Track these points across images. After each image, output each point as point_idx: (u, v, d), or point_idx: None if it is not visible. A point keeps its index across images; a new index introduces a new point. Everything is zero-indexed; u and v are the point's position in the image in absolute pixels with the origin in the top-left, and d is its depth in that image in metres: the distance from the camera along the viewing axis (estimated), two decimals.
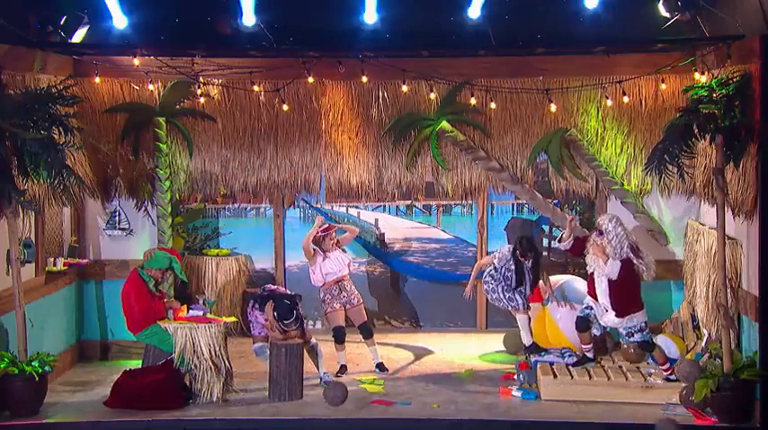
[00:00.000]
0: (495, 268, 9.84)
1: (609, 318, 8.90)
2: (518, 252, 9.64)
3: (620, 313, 8.81)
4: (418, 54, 9.88)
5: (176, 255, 9.23)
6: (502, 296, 9.89)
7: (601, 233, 8.83)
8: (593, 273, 9.03)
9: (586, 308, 9.08)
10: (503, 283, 9.80)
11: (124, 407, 8.40)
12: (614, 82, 10.21)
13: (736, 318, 8.62)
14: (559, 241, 9.41)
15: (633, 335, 8.87)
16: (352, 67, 9.82)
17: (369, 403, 8.64)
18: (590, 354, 9.17)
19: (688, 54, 9.65)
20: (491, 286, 9.93)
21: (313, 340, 9.28)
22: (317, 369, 9.24)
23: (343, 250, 9.87)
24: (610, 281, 8.77)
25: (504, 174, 10.78)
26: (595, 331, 9.24)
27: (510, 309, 9.94)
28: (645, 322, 8.87)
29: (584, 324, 9.09)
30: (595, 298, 8.99)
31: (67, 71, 9.46)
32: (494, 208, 11.49)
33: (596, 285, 8.92)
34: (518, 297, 9.78)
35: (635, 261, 8.76)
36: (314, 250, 9.65)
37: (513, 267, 9.72)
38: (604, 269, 8.75)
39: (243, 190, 11.13)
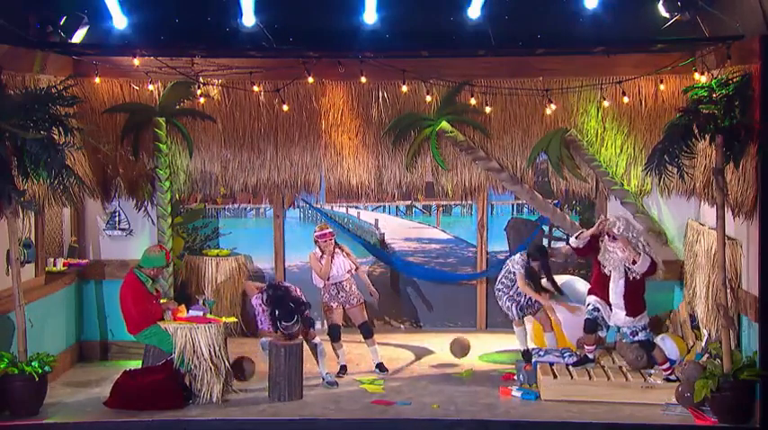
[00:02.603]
0: (508, 273, 9.82)
1: (619, 318, 8.91)
2: (529, 258, 9.67)
3: (632, 313, 8.83)
4: (418, 54, 9.88)
5: (167, 252, 9.19)
6: (504, 303, 9.86)
7: (614, 239, 8.83)
8: (596, 274, 9.04)
9: (594, 310, 9.08)
10: (509, 292, 9.77)
11: (124, 408, 8.40)
12: (614, 82, 10.22)
13: (735, 318, 8.62)
14: (576, 237, 9.21)
15: (637, 334, 8.89)
16: (351, 67, 9.82)
17: (369, 403, 8.64)
18: (591, 355, 9.17)
19: (688, 54, 9.65)
20: (499, 292, 9.91)
21: (316, 339, 9.28)
22: (319, 368, 9.24)
23: (347, 254, 9.87)
24: (627, 281, 8.77)
25: (504, 175, 10.78)
26: (601, 333, 9.24)
27: (508, 313, 9.95)
28: (648, 321, 8.92)
29: (592, 326, 9.09)
30: (601, 298, 8.99)
31: (67, 71, 9.46)
32: (493, 208, 11.50)
33: (611, 286, 8.90)
34: (514, 308, 9.74)
35: (653, 258, 8.82)
36: (317, 256, 9.70)
37: (528, 266, 9.72)
38: (632, 267, 8.73)
39: (243, 190, 11.13)
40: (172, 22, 8.79)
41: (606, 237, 8.91)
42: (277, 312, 8.87)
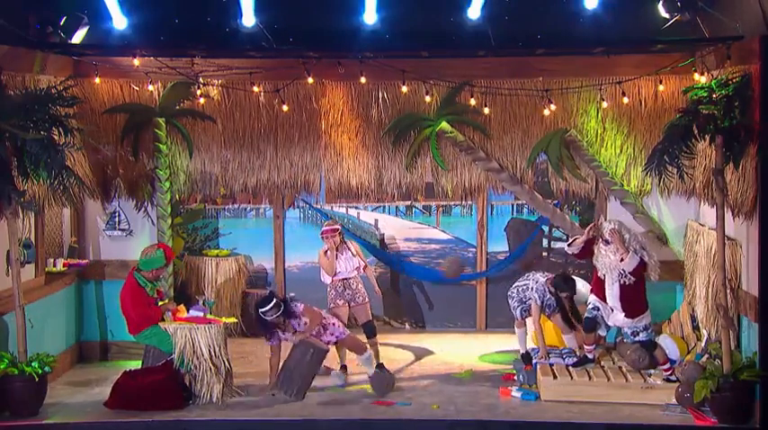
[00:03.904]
0: (527, 288, 9.65)
1: (618, 319, 8.93)
2: (553, 289, 9.44)
3: (631, 314, 8.85)
4: (418, 55, 9.87)
5: (166, 249, 9.17)
6: (510, 304, 9.73)
7: (607, 242, 8.85)
8: (596, 274, 9.05)
9: (593, 308, 9.09)
10: (516, 298, 9.70)
11: (124, 408, 8.40)
12: (614, 82, 10.22)
13: (735, 318, 8.62)
14: (569, 245, 9.30)
15: (638, 335, 8.91)
16: (351, 67, 9.82)
17: (369, 403, 8.64)
18: (591, 355, 9.17)
19: (688, 55, 9.66)
20: (511, 299, 9.68)
21: (366, 353, 9.27)
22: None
23: (353, 254, 9.87)
24: (621, 285, 8.79)
25: (504, 175, 10.78)
26: (601, 332, 9.25)
27: (516, 315, 9.85)
28: (650, 322, 8.93)
29: (591, 325, 9.10)
30: (601, 298, 9.00)
31: (67, 72, 9.46)
32: (493, 208, 11.50)
33: (607, 289, 8.92)
34: (518, 311, 9.68)
35: (646, 259, 8.82)
36: (324, 250, 9.70)
37: (553, 302, 9.55)
38: (619, 265, 8.74)
39: (242, 190, 11.13)
40: (172, 23, 8.79)
41: (600, 240, 8.94)
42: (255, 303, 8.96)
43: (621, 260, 8.76)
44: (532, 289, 9.47)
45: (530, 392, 8.78)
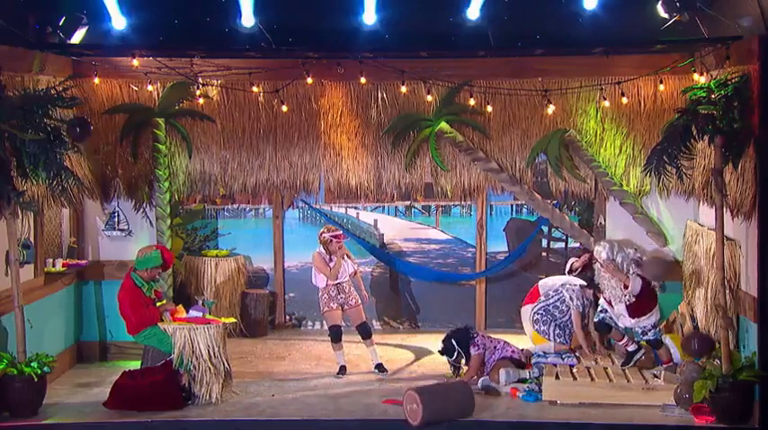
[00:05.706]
0: (560, 303, 9.58)
1: (626, 321, 8.97)
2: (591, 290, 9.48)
3: (639, 315, 8.96)
4: (417, 55, 9.88)
5: (164, 251, 9.14)
6: (551, 333, 9.53)
7: (602, 266, 8.88)
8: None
9: (601, 311, 9.11)
10: (554, 322, 9.52)
11: (123, 408, 8.40)
12: (613, 83, 10.22)
13: (734, 318, 8.62)
14: (569, 272, 9.49)
15: (647, 333, 8.94)
16: (351, 67, 9.82)
17: (368, 403, 8.64)
18: (631, 347, 9.10)
19: (687, 55, 9.66)
20: (542, 323, 9.59)
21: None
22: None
23: (349, 256, 9.88)
24: (627, 305, 8.84)
25: (503, 175, 10.78)
26: (618, 327, 9.21)
27: (555, 343, 9.55)
28: (658, 318, 8.98)
29: (605, 327, 9.15)
30: (609, 303, 9.05)
31: (67, 72, 9.46)
32: (493, 209, 11.50)
33: (614, 306, 8.94)
34: (565, 338, 9.52)
35: (643, 274, 8.87)
36: (323, 256, 9.68)
37: (585, 302, 9.53)
38: (625, 292, 8.78)
39: (242, 191, 11.12)
40: (171, 23, 8.77)
41: (597, 265, 8.99)
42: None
43: (625, 287, 8.77)
44: (570, 298, 9.43)
45: (531, 393, 8.77)
